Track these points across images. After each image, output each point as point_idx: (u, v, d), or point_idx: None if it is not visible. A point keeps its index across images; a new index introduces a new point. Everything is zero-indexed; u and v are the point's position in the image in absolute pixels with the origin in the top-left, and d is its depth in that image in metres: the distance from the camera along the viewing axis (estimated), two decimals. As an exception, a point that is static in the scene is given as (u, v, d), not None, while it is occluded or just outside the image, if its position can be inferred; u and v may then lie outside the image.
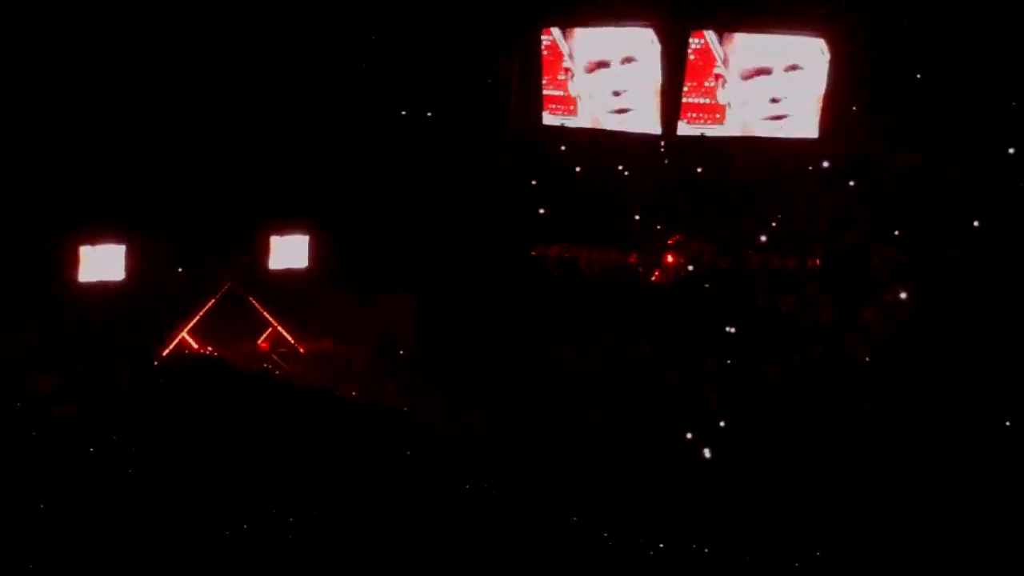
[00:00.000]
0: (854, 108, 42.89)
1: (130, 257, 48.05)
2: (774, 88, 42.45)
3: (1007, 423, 35.76)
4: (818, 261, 44.44)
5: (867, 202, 43.38)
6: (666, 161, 45.85)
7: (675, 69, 43.52)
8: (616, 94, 45.61)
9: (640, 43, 44.07)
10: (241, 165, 48.93)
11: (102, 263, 47.62)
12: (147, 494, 29.76)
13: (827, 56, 40.80)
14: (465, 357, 46.43)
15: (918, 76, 41.77)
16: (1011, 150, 39.92)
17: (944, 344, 40.29)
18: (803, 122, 42.42)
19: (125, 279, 47.94)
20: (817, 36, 40.91)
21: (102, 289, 47.26)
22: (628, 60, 44.75)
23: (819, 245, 43.14)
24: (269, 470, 32.44)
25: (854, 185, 43.63)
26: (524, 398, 43.37)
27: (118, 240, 47.85)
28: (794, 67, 41.74)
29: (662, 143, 45.40)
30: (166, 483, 30.77)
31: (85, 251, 47.25)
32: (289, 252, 51.99)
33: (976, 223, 40.59)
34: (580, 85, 46.48)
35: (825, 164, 43.99)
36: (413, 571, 26.90)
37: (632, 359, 44.17)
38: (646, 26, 43.74)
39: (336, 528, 28.68)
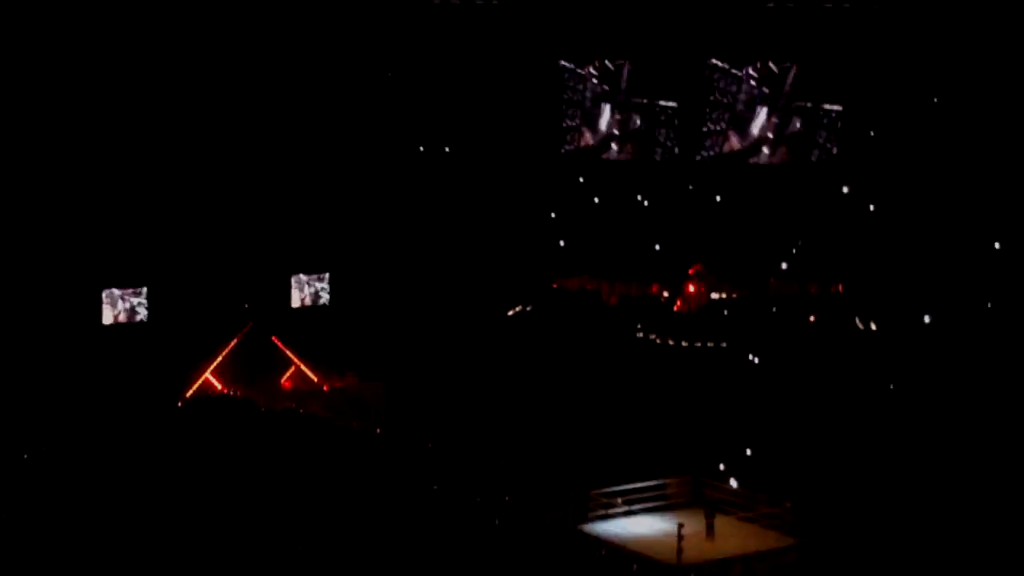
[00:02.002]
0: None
1: (153, 299, 48.29)
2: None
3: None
4: (841, 287, 44.46)
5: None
6: (688, 188, 45.88)
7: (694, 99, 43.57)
8: (629, 124, 45.53)
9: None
10: (265, 208, 49.27)
11: (125, 306, 47.79)
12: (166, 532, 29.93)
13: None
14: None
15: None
16: None
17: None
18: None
19: (148, 321, 48.14)
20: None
21: (126, 331, 47.44)
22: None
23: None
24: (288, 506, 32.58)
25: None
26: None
27: (141, 283, 48.11)
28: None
29: (683, 170, 45.43)
30: (186, 521, 30.90)
31: (108, 294, 47.47)
32: (311, 291, 52.12)
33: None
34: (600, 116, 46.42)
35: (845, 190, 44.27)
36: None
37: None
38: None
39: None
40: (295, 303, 51.83)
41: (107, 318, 47.68)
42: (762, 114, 43.65)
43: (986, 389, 40.69)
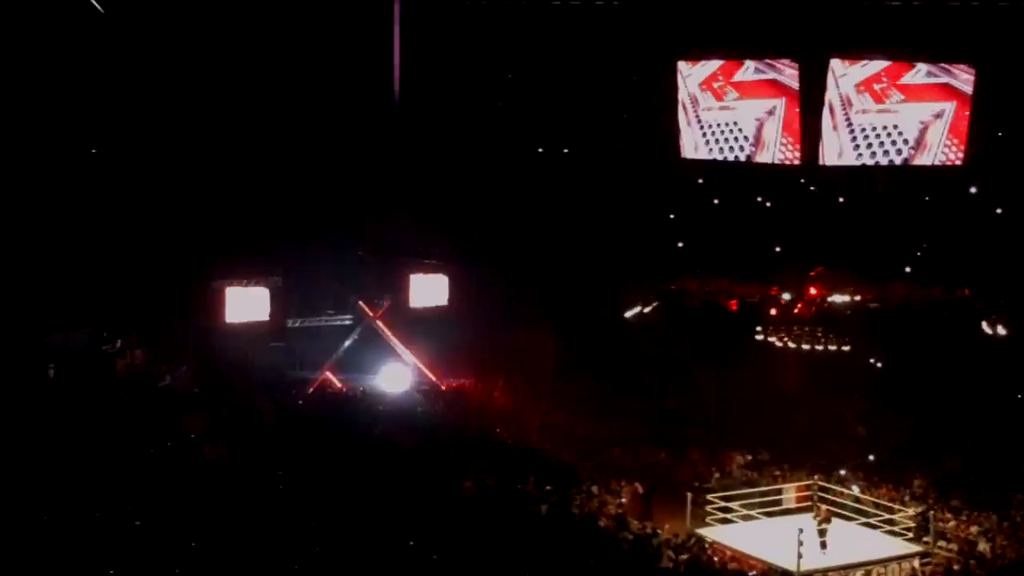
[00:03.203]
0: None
1: (274, 297, 48.94)
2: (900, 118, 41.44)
3: None
4: (967, 291, 43.57)
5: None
6: (809, 190, 45.29)
7: (812, 102, 42.80)
8: (746, 127, 44.89)
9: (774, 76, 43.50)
10: (382, 202, 49.73)
11: (248, 304, 48.50)
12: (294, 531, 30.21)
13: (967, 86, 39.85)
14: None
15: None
16: None
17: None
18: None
19: (270, 319, 48.81)
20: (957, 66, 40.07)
21: (248, 329, 48.15)
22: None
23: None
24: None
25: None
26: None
27: (263, 282, 48.76)
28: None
29: (802, 175, 44.86)
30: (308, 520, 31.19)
31: (231, 292, 48.15)
32: (429, 291, 52.46)
33: None
34: (713, 119, 45.90)
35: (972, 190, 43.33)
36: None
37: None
38: (784, 60, 43.11)
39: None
40: (413, 303, 52.13)
41: (230, 317, 48.31)
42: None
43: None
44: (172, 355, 46.88)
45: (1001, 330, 38.43)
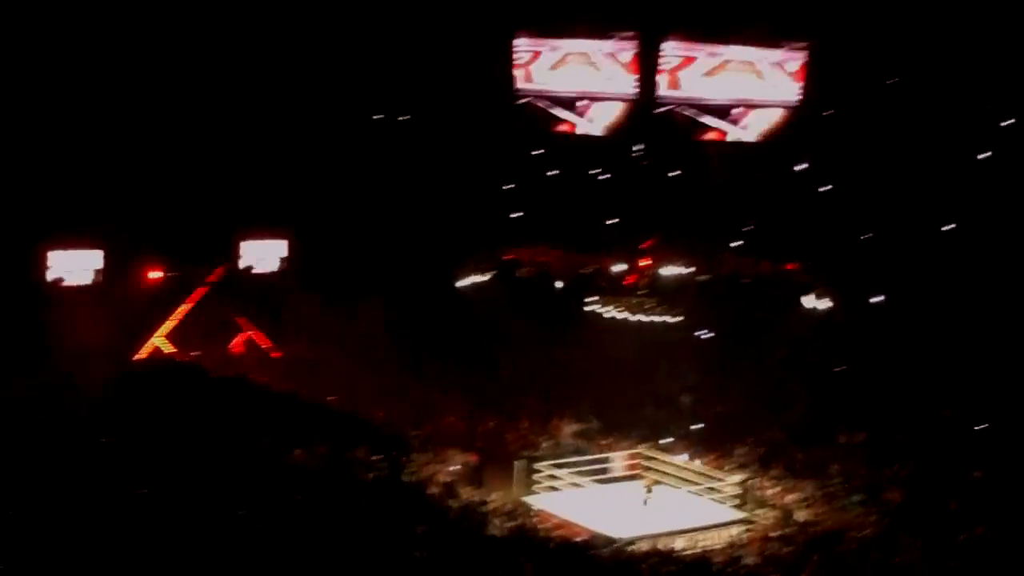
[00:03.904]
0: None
1: (105, 262, 47.96)
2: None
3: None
4: (793, 265, 44.66)
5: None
6: (639, 162, 45.86)
7: (646, 75, 43.18)
8: (584, 96, 45.00)
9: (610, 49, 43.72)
10: (218, 168, 48.90)
11: (76, 268, 47.48)
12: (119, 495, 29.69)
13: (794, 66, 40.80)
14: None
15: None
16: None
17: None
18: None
19: (99, 283, 47.80)
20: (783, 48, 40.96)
21: (76, 293, 47.13)
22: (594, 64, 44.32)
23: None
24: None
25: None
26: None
27: (93, 245, 47.75)
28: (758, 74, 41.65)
29: (633, 145, 45.30)
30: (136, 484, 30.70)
31: (56, 256, 47.09)
32: (262, 257, 51.92)
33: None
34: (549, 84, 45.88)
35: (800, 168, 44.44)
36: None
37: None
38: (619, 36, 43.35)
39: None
40: (245, 268, 51.56)
41: (56, 279, 47.23)
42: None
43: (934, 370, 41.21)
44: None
45: (823, 303, 39.50)
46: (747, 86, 41.81)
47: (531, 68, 43.62)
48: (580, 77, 43.32)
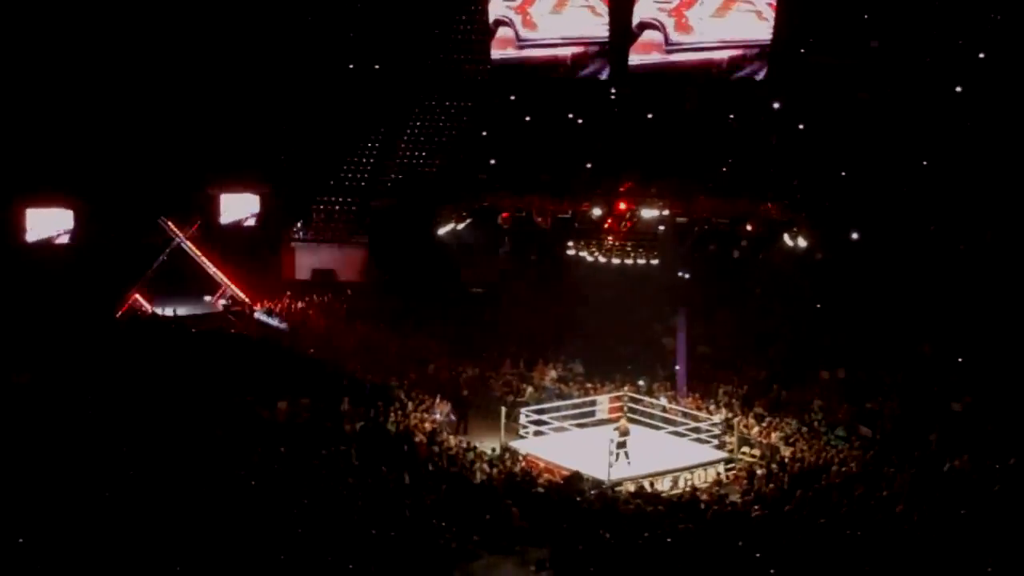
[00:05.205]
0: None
1: (79, 219, 47.76)
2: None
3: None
4: (771, 204, 44.62)
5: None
6: (617, 99, 45.67)
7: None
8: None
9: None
10: (189, 120, 48.63)
11: (50, 225, 47.29)
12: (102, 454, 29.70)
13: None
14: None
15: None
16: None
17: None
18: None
19: (75, 240, 47.64)
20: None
21: (52, 250, 46.97)
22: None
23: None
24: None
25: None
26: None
27: (66, 203, 47.54)
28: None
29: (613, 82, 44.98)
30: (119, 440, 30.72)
31: (32, 214, 46.86)
32: (239, 210, 51.74)
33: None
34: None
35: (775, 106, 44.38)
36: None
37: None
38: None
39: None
40: (223, 222, 51.42)
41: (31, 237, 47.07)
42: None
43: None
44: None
45: (801, 242, 39.45)
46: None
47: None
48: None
